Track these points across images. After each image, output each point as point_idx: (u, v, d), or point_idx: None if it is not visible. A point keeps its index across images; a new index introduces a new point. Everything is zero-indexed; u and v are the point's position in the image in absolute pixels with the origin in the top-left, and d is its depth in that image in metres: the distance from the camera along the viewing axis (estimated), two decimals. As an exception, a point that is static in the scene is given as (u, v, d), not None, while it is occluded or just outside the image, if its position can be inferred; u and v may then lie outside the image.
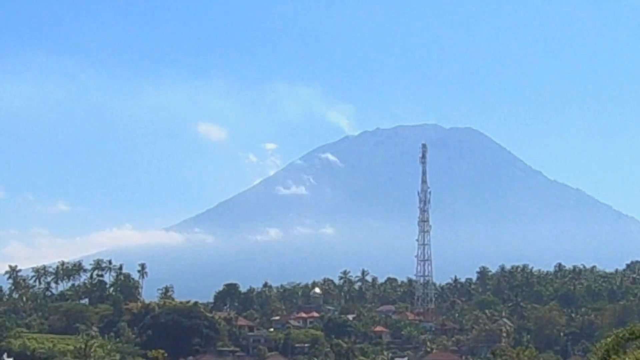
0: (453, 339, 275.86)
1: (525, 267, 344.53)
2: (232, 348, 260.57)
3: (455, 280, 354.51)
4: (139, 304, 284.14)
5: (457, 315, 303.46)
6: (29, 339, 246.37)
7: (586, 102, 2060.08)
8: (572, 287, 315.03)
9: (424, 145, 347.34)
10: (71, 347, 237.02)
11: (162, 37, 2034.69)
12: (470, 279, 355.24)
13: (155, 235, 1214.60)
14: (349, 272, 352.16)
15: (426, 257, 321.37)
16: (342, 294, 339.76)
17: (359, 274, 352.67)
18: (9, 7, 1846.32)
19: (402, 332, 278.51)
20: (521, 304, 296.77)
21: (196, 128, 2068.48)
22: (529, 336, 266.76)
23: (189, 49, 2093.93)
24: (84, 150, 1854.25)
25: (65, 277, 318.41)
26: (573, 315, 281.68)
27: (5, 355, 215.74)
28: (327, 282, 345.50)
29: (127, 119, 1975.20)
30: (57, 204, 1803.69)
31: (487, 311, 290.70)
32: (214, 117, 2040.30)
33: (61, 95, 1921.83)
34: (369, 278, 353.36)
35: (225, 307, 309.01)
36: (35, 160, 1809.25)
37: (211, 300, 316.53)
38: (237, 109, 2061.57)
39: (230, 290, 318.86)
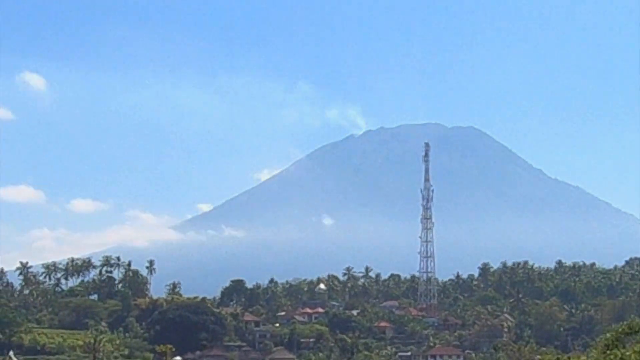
0: (455, 334, 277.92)
1: (526, 263, 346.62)
2: (238, 343, 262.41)
3: (458, 276, 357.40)
4: (147, 300, 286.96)
5: (459, 310, 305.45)
6: (39, 334, 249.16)
7: (586, 101, 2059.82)
8: (572, 283, 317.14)
9: (427, 144, 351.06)
10: (80, 342, 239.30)
11: (171, 38, 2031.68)
12: (472, 275, 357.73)
13: (163, 233, 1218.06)
14: (353, 268, 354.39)
15: (429, 254, 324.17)
16: (347, 290, 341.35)
17: (363, 270, 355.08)
18: None
19: (406, 328, 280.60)
20: (522, 299, 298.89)
21: (201, 126, 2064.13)
22: (529, 331, 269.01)
23: (186, 48, 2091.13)
24: (91, 148, 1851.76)
25: (74, 274, 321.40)
26: (573, 310, 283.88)
27: (11, 353, 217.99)
28: (331, 278, 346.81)
29: (130, 117, 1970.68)
30: (68, 201, 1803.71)
31: (488, 307, 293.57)
32: (217, 116, 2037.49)
33: (62, 94, 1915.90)
34: (372, 274, 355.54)
35: (231, 303, 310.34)
36: (42, 160, 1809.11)
37: (218, 296, 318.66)
38: (241, 107, 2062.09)
39: (237, 287, 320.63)
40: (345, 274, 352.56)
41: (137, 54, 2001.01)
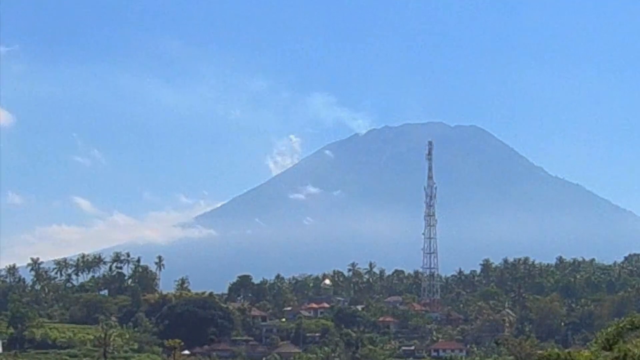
0: (458, 328, 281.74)
1: (527, 259, 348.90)
2: (245, 337, 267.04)
3: (460, 272, 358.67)
4: (157, 295, 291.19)
5: (461, 306, 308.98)
6: (50, 329, 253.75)
7: (586, 101, 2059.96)
8: (573, 279, 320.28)
9: (430, 143, 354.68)
10: (91, 337, 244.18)
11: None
12: (475, 271, 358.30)
13: (171, 230, 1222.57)
14: (358, 264, 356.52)
15: (432, 250, 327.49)
16: (351, 285, 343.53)
17: (367, 266, 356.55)
18: None
19: (409, 322, 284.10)
20: (523, 295, 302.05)
21: (208, 126, 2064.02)
22: (530, 326, 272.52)
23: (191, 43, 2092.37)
24: (92, 149, 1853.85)
25: (85, 269, 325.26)
26: (573, 306, 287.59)
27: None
28: (336, 274, 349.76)
29: (141, 114, 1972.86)
30: (75, 199, 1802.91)
31: (490, 302, 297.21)
32: (226, 116, 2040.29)
33: (67, 93, 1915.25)
34: (376, 270, 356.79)
35: (239, 298, 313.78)
36: (51, 160, 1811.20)
37: (225, 291, 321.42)
38: (246, 108, 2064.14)
39: (244, 282, 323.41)
40: (350, 270, 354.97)
41: (112, 49, 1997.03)
